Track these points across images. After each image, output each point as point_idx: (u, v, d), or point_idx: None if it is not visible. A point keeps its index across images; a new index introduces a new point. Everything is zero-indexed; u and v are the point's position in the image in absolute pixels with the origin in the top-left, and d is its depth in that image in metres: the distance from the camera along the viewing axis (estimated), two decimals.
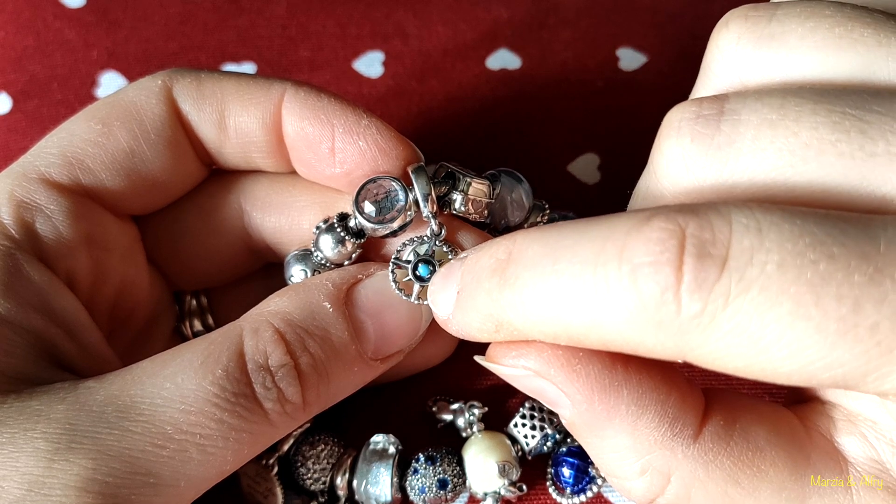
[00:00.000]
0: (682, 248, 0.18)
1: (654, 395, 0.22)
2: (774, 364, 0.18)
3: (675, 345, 0.19)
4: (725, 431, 0.22)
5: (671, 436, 0.22)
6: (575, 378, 0.22)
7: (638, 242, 0.19)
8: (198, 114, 0.28)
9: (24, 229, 0.25)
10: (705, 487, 0.22)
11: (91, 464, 0.21)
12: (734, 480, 0.21)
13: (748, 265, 0.18)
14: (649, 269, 0.18)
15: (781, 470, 0.21)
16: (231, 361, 0.23)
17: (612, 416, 0.22)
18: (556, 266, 0.20)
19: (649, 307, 0.18)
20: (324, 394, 0.25)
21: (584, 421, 0.22)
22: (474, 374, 0.33)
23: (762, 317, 0.18)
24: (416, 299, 0.26)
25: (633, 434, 0.22)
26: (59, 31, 0.41)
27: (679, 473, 0.22)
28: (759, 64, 0.23)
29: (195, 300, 0.32)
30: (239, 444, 0.23)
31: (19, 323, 0.24)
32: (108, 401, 0.22)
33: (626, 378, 0.22)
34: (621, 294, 0.19)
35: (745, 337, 0.18)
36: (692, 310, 0.18)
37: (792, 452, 0.22)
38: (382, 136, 0.27)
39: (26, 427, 0.21)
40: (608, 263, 0.19)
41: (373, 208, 0.26)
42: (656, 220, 0.19)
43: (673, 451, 0.22)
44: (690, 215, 0.19)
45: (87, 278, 0.27)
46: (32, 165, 0.26)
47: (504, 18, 0.41)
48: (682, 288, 0.18)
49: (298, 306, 0.25)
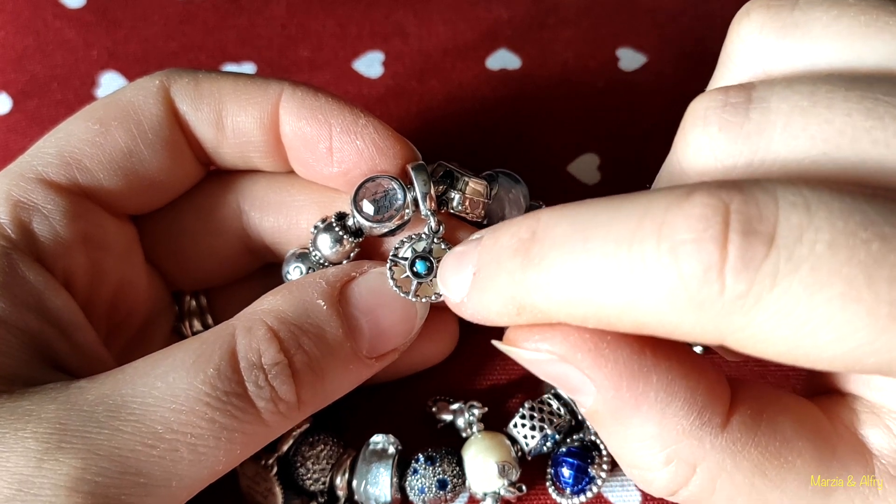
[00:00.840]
0: (727, 224, 0.17)
1: (685, 383, 0.21)
2: (819, 348, 0.17)
3: (715, 327, 0.18)
4: (753, 421, 0.21)
5: (700, 425, 0.21)
6: (603, 363, 0.21)
7: (679, 218, 0.18)
8: (195, 114, 0.28)
9: (21, 229, 0.25)
10: (732, 478, 0.21)
11: (81, 463, 0.21)
12: (761, 472, 0.21)
13: (797, 244, 0.17)
14: (692, 246, 0.17)
15: (808, 461, 0.21)
16: (223, 360, 0.23)
17: (640, 404, 0.21)
18: (588, 244, 0.19)
19: (690, 287, 0.17)
20: (319, 392, 0.25)
21: (609, 409, 0.21)
22: (474, 374, 0.33)
23: (811, 298, 0.17)
24: (413, 296, 0.26)
25: (660, 423, 0.21)
26: (59, 30, 0.41)
27: (706, 464, 0.21)
28: (783, 53, 0.22)
29: (194, 300, 0.32)
30: (231, 444, 0.23)
31: (14, 323, 0.24)
32: (99, 400, 0.22)
33: (655, 364, 0.21)
34: (660, 273, 0.18)
35: (792, 319, 0.17)
36: (737, 290, 0.17)
37: (818, 444, 0.21)
38: (380, 136, 0.27)
39: (17, 427, 0.21)
40: (646, 241, 0.18)
41: (371, 207, 0.26)
42: (698, 195, 0.18)
43: (701, 441, 0.21)
44: (735, 191, 0.18)
45: (84, 278, 0.27)
46: (30, 165, 0.26)
47: (504, 18, 0.41)
48: (727, 266, 0.17)
49: (292, 304, 0.25)
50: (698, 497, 0.21)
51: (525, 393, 0.32)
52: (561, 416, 0.29)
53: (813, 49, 0.22)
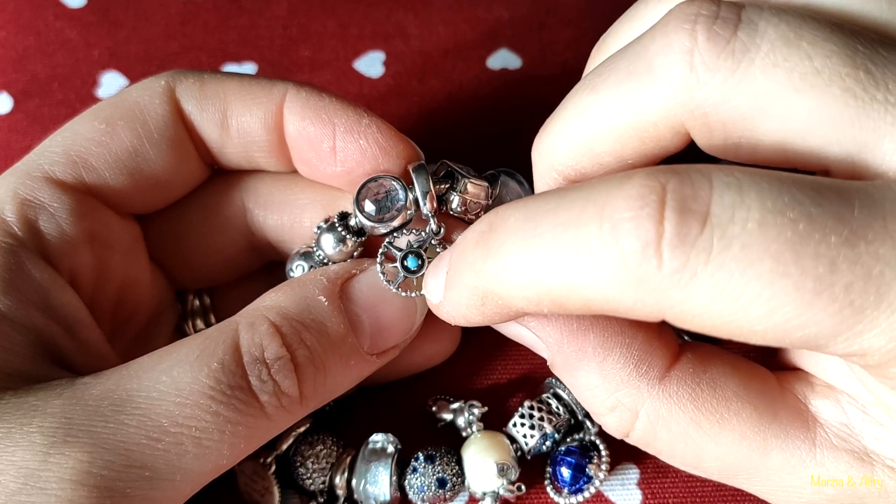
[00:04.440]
0: (663, 203, 0.18)
1: (620, 339, 0.23)
2: (751, 322, 0.18)
3: (654, 302, 0.19)
4: (693, 378, 0.23)
5: (637, 375, 0.23)
6: (546, 322, 0.24)
7: (618, 199, 0.19)
8: (200, 114, 0.28)
9: (28, 227, 0.25)
10: (668, 426, 0.23)
11: (86, 457, 0.21)
12: (696, 423, 0.23)
13: (730, 222, 0.18)
14: (630, 224, 0.18)
15: (744, 421, 0.23)
16: (227, 355, 0.23)
17: (581, 357, 0.24)
18: (538, 230, 0.20)
19: (630, 263, 0.19)
20: (321, 387, 0.25)
21: (559, 362, 0.24)
22: (474, 373, 0.33)
23: (743, 273, 0.18)
24: (396, 288, 0.26)
25: (601, 373, 0.23)
26: (60, 30, 0.41)
27: (645, 410, 0.23)
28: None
29: (198, 299, 0.32)
30: (235, 438, 0.23)
31: (19, 320, 0.24)
32: (104, 395, 0.22)
33: (592, 323, 0.23)
34: (602, 252, 0.19)
35: (725, 293, 0.18)
36: (673, 265, 0.18)
37: (759, 406, 0.23)
38: (383, 135, 0.27)
39: (23, 422, 0.21)
40: (589, 223, 0.19)
41: (373, 207, 0.26)
42: (637, 177, 0.19)
43: (639, 390, 0.23)
44: (671, 173, 0.19)
45: (89, 276, 0.27)
46: (36, 164, 0.26)
47: (505, 18, 0.41)
48: (664, 243, 0.18)
49: (294, 301, 0.25)
50: (644, 440, 0.24)
51: (525, 393, 0.32)
52: (560, 415, 0.29)
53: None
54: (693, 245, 0.18)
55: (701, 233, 0.18)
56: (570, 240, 0.19)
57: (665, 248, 0.18)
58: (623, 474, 0.31)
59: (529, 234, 0.20)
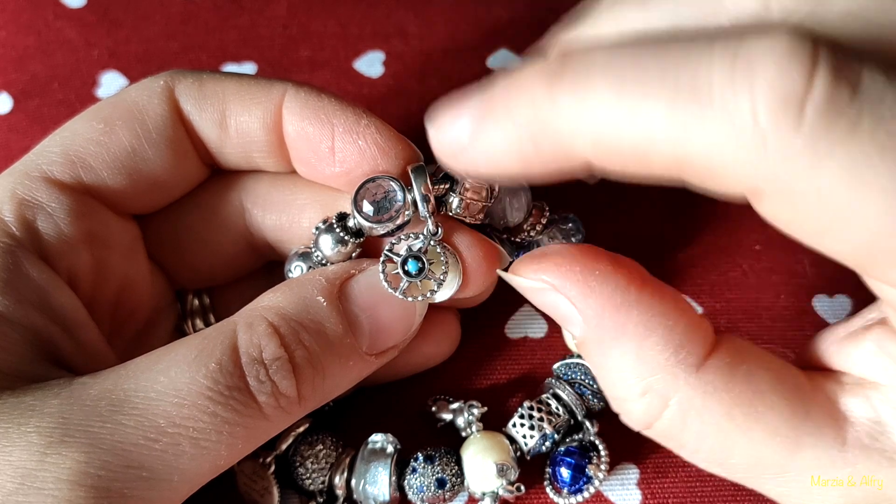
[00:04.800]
0: (816, 58, 0.16)
1: (663, 320, 0.22)
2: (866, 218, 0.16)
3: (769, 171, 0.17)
4: (729, 369, 0.22)
5: (675, 361, 0.22)
6: (589, 293, 0.22)
7: (759, 47, 0.16)
8: (199, 114, 0.28)
9: (26, 227, 0.25)
10: (701, 417, 0.22)
11: (83, 457, 0.21)
12: (729, 415, 0.22)
13: (880, 102, 0.16)
14: (774, 70, 0.16)
15: (777, 416, 0.22)
16: (224, 355, 0.23)
17: (620, 335, 0.22)
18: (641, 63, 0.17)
19: (761, 116, 0.16)
20: (319, 388, 0.25)
21: (593, 337, 0.23)
22: (474, 373, 0.33)
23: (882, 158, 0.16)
24: (401, 294, 0.26)
25: (638, 354, 0.22)
26: (60, 30, 0.41)
27: (678, 399, 0.22)
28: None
29: (197, 299, 0.32)
30: (233, 439, 0.23)
31: (17, 320, 0.24)
32: (102, 395, 0.22)
33: (638, 300, 0.22)
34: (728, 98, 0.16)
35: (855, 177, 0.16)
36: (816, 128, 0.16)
37: (792, 402, 0.22)
38: (382, 136, 0.27)
39: (20, 422, 0.21)
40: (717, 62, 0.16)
41: (371, 208, 0.26)
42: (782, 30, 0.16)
43: (675, 377, 0.22)
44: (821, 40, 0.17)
45: (88, 276, 0.27)
46: (35, 164, 0.26)
47: (505, 18, 0.41)
48: (810, 100, 0.16)
49: (292, 301, 0.25)
50: (670, 431, 0.23)
51: (524, 393, 0.32)
52: (560, 416, 0.29)
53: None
54: (842, 113, 0.16)
55: (851, 102, 0.16)
56: (683, 77, 0.17)
57: (810, 109, 0.16)
58: (623, 474, 0.31)
59: (629, 71, 0.17)
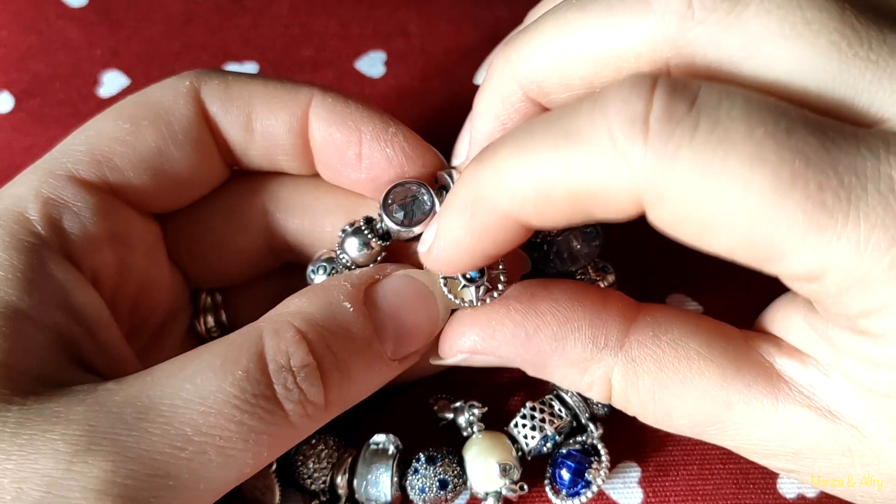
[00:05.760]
0: (654, 85, 0.20)
1: (569, 326, 0.25)
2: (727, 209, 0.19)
3: (636, 183, 0.19)
4: (653, 340, 0.24)
5: (597, 350, 0.25)
6: (497, 346, 0.25)
7: (610, 91, 0.20)
8: (225, 115, 0.28)
9: (51, 226, 0.25)
10: (637, 389, 0.24)
11: (110, 466, 0.21)
12: (661, 384, 0.24)
13: (716, 108, 0.19)
14: (620, 102, 0.19)
15: (708, 378, 0.23)
16: (251, 363, 0.23)
17: (543, 356, 0.25)
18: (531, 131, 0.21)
19: (618, 138, 0.19)
20: (346, 394, 0.25)
21: (528, 369, 0.26)
22: (475, 373, 0.33)
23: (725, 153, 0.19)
24: (478, 301, 0.26)
25: (567, 360, 0.25)
26: (62, 30, 0.41)
27: (615, 377, 0.25)
28: None
29: (209, 297, 0.32)
30: (259, 447, 0.23)
31: (41, 320, 0.24)
32: (127, 402, 0.22)
33: (540, 323, 0.25)
34: (591, 131, 0.20)
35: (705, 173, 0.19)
36: (660, 138, 0.19)
37: (722, 363, 0.24)
38: (409, 144, 0.27)
39: (45, 429, 0.21)
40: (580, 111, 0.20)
41: (401, 212, 0.26)
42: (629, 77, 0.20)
43: (604, 361, 0.25)
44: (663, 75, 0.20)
45: (111, 276, 0.27)
46: (59, 162, 0.26)
47: (506, 18, 0.41)
48: (652, 117, 0.19)
49: (319, 306, 0.25)
50: (624, 404, 0.25)
51: (525, 393, 0.32)
52: (562, 417, 0.29)
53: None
54: (680, 121, 0.19)
55: (688, 112, 0.19)
56: (560, 127, 0.20)
57: (653, 122, 0.19)
58: (624, 473, 0.31)
59: (524, 138, 0.21)
